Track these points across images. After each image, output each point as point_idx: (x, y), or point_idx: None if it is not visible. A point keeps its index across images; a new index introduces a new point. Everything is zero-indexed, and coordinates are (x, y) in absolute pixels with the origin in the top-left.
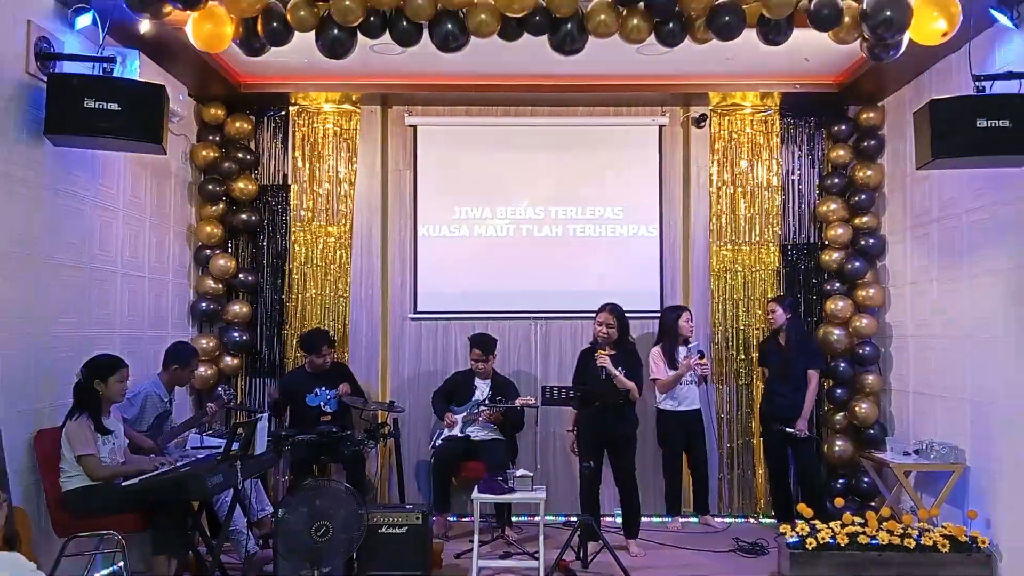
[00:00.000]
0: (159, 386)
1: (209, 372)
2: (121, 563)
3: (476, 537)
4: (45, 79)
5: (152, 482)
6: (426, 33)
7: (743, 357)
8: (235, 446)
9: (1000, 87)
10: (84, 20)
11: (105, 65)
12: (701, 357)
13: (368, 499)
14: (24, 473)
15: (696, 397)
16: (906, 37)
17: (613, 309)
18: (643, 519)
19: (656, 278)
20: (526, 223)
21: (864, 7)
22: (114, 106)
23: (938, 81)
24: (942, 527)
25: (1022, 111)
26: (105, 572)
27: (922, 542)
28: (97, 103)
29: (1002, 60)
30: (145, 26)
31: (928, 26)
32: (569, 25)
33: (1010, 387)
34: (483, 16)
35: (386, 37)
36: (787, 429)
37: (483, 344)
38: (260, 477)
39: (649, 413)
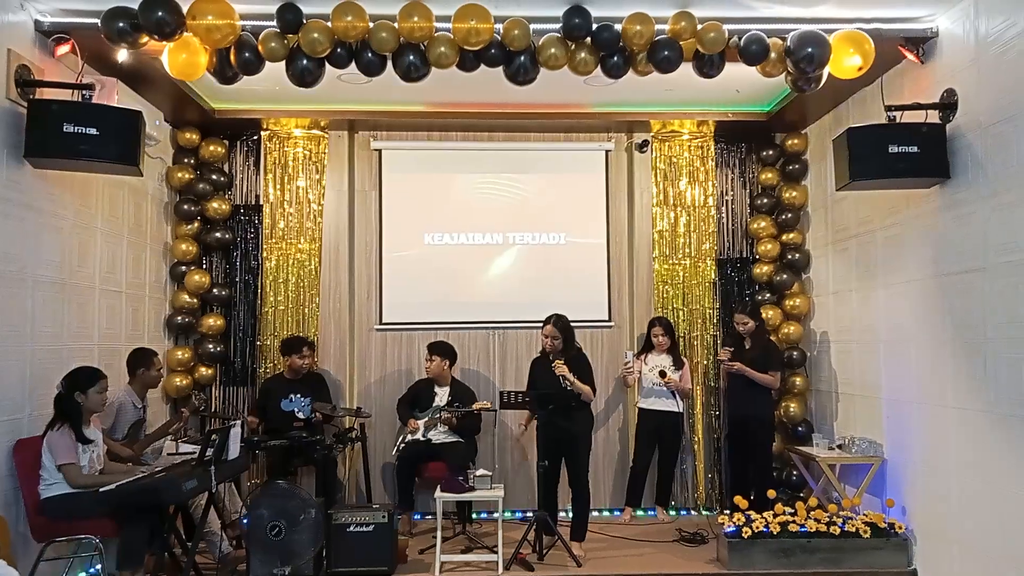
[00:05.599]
0: (131, 394)
1: (185, 382)
2: (99, 566)
3: (439, 533)
4: (25, 105)
5: (129, 487)
6: (390, 64)
7: None
8: (209, 451)
9: (909, 117)
10: (63, 49)
11: (84, 92)
12: (662, 376)
13: (338, 499)
14: (2, 480)
15: (668, 401)
16: (826, 71)
17: (556, 322)
18: (597, 512)
19: (604, 290)
20: (484, 239)
21: (788, 44)
22: (92, 130)
23: (855, 111)
24: (864, 515)
25: (929, 138)
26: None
27: (846, 529)
28: (76, 127)
29: (911, 93)
30: (123, 55)
31: (845, 62)
32: (522, 58)
33: (920, 386)
34: (443, 49)
35: (352, 67)
36: (724, 359)
37: (431, 347)
38: (234, 481)
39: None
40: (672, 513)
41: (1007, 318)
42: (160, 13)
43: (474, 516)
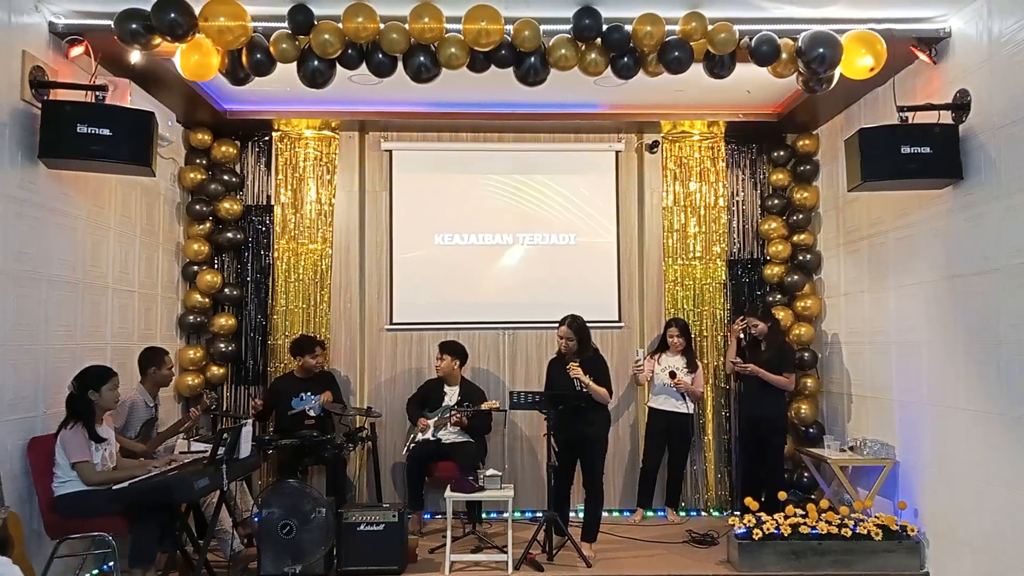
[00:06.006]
0: (144, 393)
1: (196, 381)
2: (112, 563)
3: (449, 533)
4: (40, 105)
5: (142, 485)
6: (400, 65)
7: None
8: (221, 450)
9: (921, 117)
10: (77, 50)
11: (97, 93)
12: (672, 376)
13: (348, 498)
14: (17, 478)
15: (678, 402)
16: (837, 72)
17: (571, 323)
18: (608, 513)
19: (614, 291)
20: (493, 240)
21: (799, 45)
22: (106, 131)
23: (867, 111)
24: (875, 517)
25: (941, 139)
26: (95, 572)
27: (858, 531)
28: (89, 128)
29: (923, 93)
30: (135, 57)
31: (857, 62)
32: (533, 59)
33: (932, 388)
34: (453, 50)
35: (363, 68)
36: (737, 362)
37: (441, 346)
38: (245, 479)
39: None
40: (682, 514)
41: (1020, 319)
42: (173, 15)
43: (484, 516)
